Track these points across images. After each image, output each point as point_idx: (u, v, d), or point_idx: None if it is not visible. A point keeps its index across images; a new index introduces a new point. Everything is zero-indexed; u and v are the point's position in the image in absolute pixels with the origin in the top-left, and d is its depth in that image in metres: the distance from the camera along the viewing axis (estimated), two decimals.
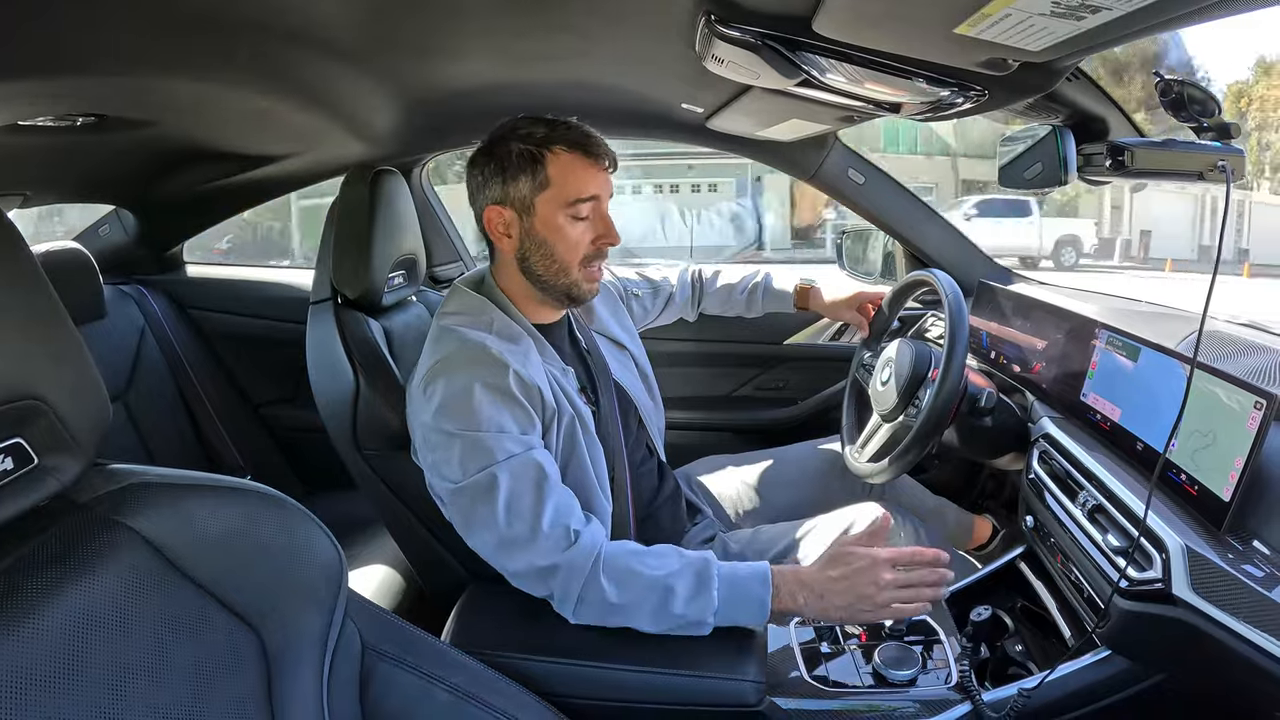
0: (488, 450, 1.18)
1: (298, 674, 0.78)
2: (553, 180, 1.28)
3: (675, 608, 1.15)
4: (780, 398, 2.44)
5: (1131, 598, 1.08)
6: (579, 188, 1.29)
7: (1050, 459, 1.39)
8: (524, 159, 1.28)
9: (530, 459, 1.20)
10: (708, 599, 1.16)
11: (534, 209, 1.30)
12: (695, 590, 1.16)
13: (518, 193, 1.30)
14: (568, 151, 1.29)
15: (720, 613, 1.16)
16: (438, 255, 2.50)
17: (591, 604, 1.17)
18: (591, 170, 1.30)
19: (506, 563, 1.20)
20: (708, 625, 1.17)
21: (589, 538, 1.18)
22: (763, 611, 1.17)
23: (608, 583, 1.16)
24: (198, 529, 0.73)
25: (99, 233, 2.48)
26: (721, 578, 1.18)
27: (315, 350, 1.54)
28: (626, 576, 1.16)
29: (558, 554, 1.16)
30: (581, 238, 1.32)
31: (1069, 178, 1.31)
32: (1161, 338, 1.25)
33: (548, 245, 1.31)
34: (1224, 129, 1.16)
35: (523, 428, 1.22)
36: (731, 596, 1.17)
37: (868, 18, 0.90)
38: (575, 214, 1.30)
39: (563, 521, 1.18)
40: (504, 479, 1.17)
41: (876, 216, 2.17)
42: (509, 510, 1.17)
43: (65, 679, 0.60)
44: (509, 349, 1.27)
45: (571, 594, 1.16)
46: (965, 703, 1.16)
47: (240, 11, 1.03)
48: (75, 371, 0.67)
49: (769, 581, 1.18)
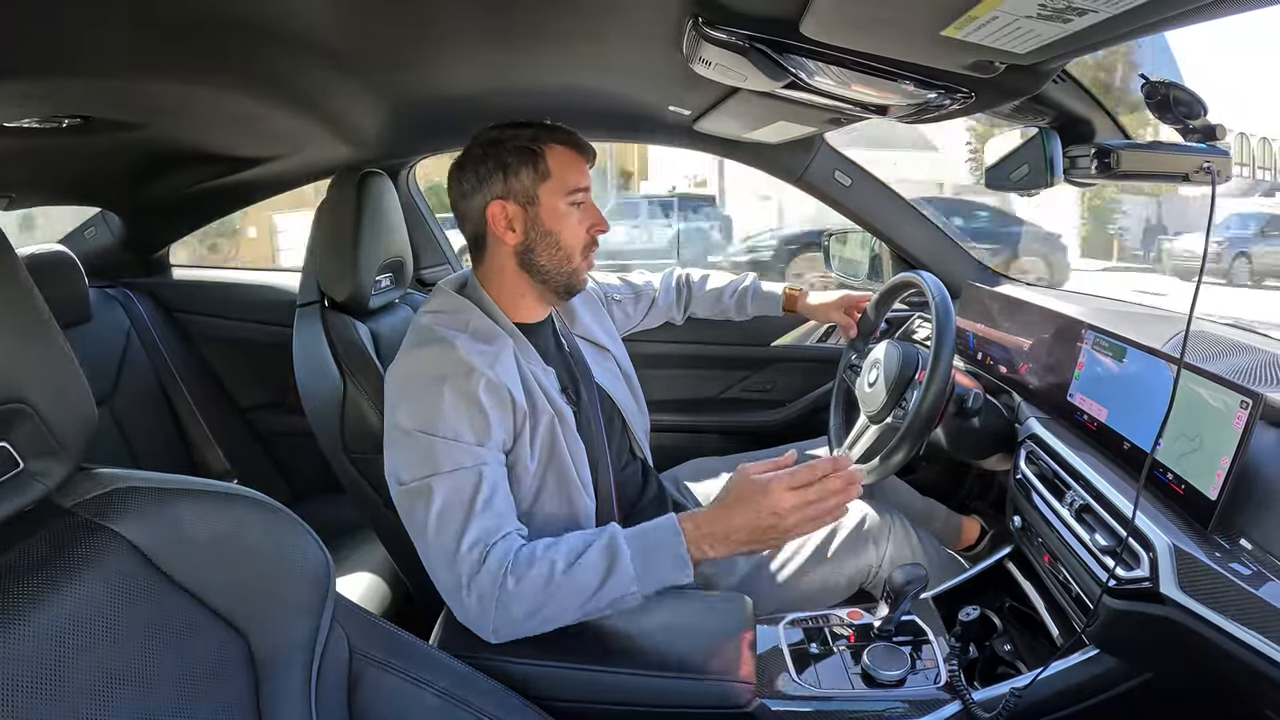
0: (435, 457, 1.18)
1: (285, 679, 0.78)
2: (553, 172, 1.34)
3: (592, 593, 1.13)
4: (768, 400, 2.44)
5: (1119, 597, 1.08)
6: (576, 178, 1.36)
7: (1037, 459, 1.39)
8: (523, 154, 1.33)
9: (474, 474, 1.19)
10: (623, 572, 1.13)
11: (538, 200, 1.34)
12: (608, 569, 1.13)
13: (520, 186, 1.33)
14: (561, 146, 1.35)
15: (641, 579, 1.14)
16: (425, 258, 2.49)
17: (507, 619, 1.13)
18: (581, 163, 1.38)
19: (436, 573, 1.19)
20: (634, 595, 1.14)
21: (497, 555, 1.15)
22: (684, 565, 1.14)
23: (517, 589, 1.12)
24: (184, 534, 0.72)
25: (85, 235, 2.46)
26: (631, 546, 1.15)
27: (302, 353, 1.53)
28: (536, 579, 1.13)
29: (470, 577, 1.14)
30: (580, 226, 1.37)
31: (1055, 180, 1.31)
32: (1148, 338, 1.26)
33: (554, 234, 1.36)
34: (1209, 131, 1.17)
35: (479, 438, 1.21)
36: (647, 561, 1.14)
37: (854, 20, 0.90)
38: (574, 201, 1.36)
39: (480, 542, 1.15)
40: (440, 490, 1.17)
41: (863, 218, 2.18)
42: (439, 523, 1.16)
43: (51, 685, 0.60)
44: (480, 350, 1.27)
45: (487, 615, 1.13)
46: (954, 702, 1.16)
47: (227, 14, 1.03)
48: (60, 375, 0.67)
49: (679, 531, 1.16)
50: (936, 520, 1.85)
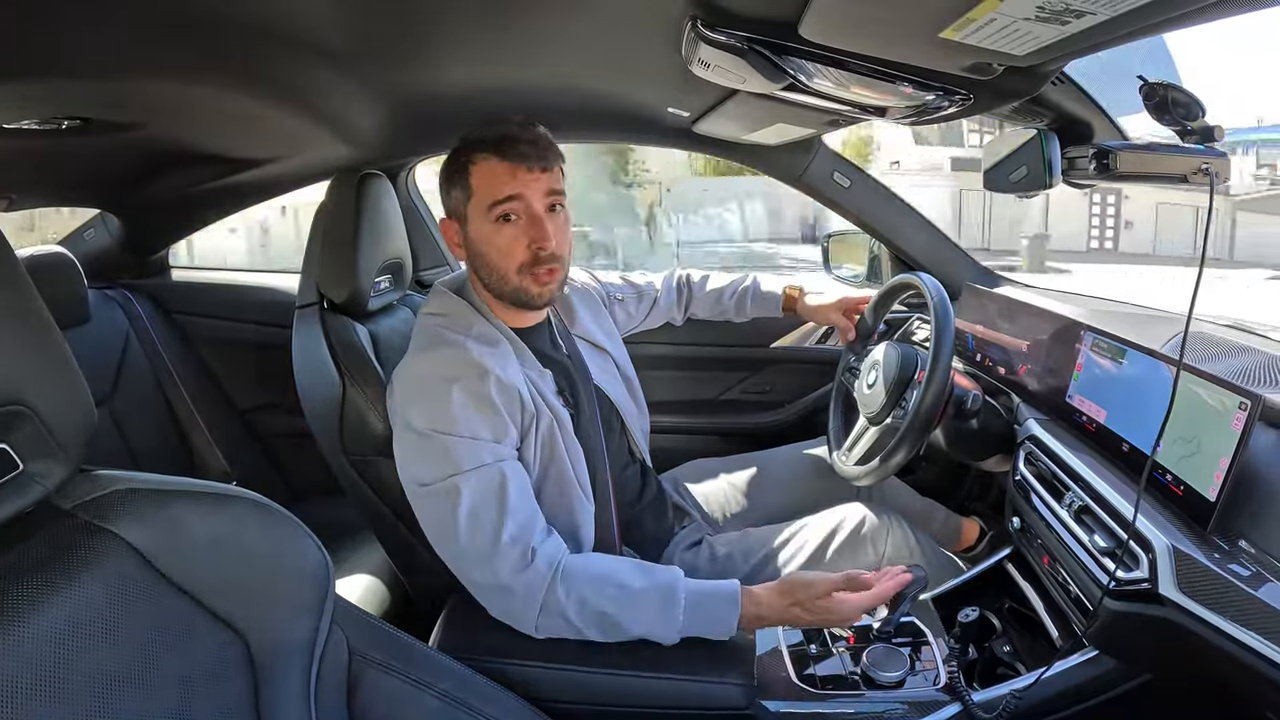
0: (457, 457, 1.18)
1: (285, 681, 0.78)
2: (475, 188, 1.28)
3: (636, 631, 1.17)
4: (767, 401, 2.44)
5: (1119, 598, 1.08)
6: (496, 190, 1.27)
7: (1036, 460, 1.39)
8: (456, 170, 1.30)
9: (497, 470, 1.20)
10: (672, 621, 1.16)
11: (468, 219, 1.31)
12: (659, 615, 1.17)
13: (454, 204, 1.32)
14: (486, 156, 1.27)
15: (683, 632, 1.18)
16: (424, 259, 2.49)
17: (553, 617, 1.16)
18: (510, 170, 1.26)
19: (469, 573, 1.20)
20: (669, 641, 1.19)
21: (545, 557, 1.17)
22: (727, 632, 1.19)
23: (567, 601, 1.15)
24: (184, 535, 0.72)
25: (84, 236, 2.46)
26: (688, 600, 1.18)
27: (301, 355, 1.53)
28: (587, 598, 1.16)
29: (514, 574, 1.15)
30: (513, 244, 1.28)
31: (1054, 181, 1.31)
32: (1147, 340, 1.26)
33: (482, 255, 1.31)
34: (1207, 132, 1.17)
35: (496, 436, 1.22)
36: (697, 618, 1.18)
37: (853, 22, 0.90)
38: (499, 216, 1.27)
39: (523, 539, 1.17)
40: (467, 489, 1.17)
41: (862, 220, 2.18)
42: (471, 521, 1.17)
43: (51, 687, 0.60)
44: (488, 352, 1.27)
45: (531, 615, 1.16)
46: (954, 703, 1.17)
47: (226, 14, 1.03)
48: (60, 376, 0.67)
49: (737, 603, 1.19)
50: (936, 521, 1.85)
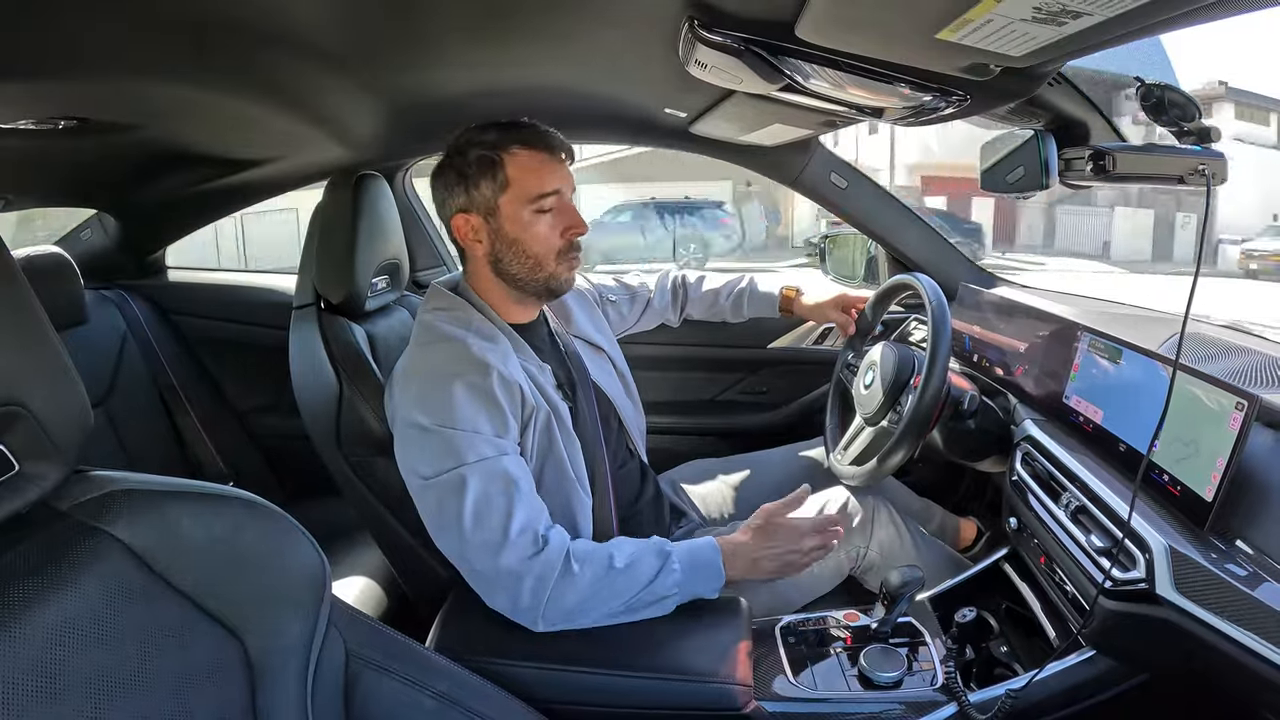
0: (461, 450, 1.20)
1: (281, 682, 0.77)
2: (513, 180, 1.31)
3: (641, 588, 1.20)
4: (764, 402, 2.44)
5: (1115, 598, 1.09)
6: (539, 184, 1.32)
7: (1033, 461, 1.39)
8: (483, 164, 1.31)
9: (501, 464, 1.21)
10: (670, 573, 1.21)
11: (499, 211, 1.33)
12: (658, 568, 1.21)
13: (481, 197, 1.33)
14: (523, 150, 1.32)
15: (683, 585, 1.22)
16: (421, 260, 2.49)
17: (559, 607, 1.18)
18: (549, 165, 1.34)
19: (474, 563, 1.21)
20: (672, 599, 1.22)
21: (555, 542, 1.20)
22: (719, 579, 1.25)
23: (581, 573, 1.18)
24: (181, 536, 0.72)
25: (80, 237, 2.46)
26: (678, 552, 1.24)
27: (298, 355, 1.53)
28: (598, 568, 1.19)
29: (524, 562, 1.17)
30: (550, 232, 1.35)
31: (1050, 182, 1.31)
32: (1143, 340, 1.26)
33: (520, 244, 1.34)
34: (1204, 133, 1.17)
35: (498, 430, 1.24)
36: (692, 569, 1.23)
37: (850, 23, 0.90)
38: (539, 209, 1.32)
39: (532, 527, 1.19)
40: (473, 481, 1.19)
41: (859, 220, 2.18)
42: (477, 512, 1.18)
43: (48, 689, 0.59)
44: (489, 348, 1.29)
45: (538, 603, 1.17)
46: (951, 704, 1.17)
47: (223, 15, 1.03)
48: (56, 377, 0.66)
49: (718, 549, 1.27)
50: (933, 521, 1.85)
